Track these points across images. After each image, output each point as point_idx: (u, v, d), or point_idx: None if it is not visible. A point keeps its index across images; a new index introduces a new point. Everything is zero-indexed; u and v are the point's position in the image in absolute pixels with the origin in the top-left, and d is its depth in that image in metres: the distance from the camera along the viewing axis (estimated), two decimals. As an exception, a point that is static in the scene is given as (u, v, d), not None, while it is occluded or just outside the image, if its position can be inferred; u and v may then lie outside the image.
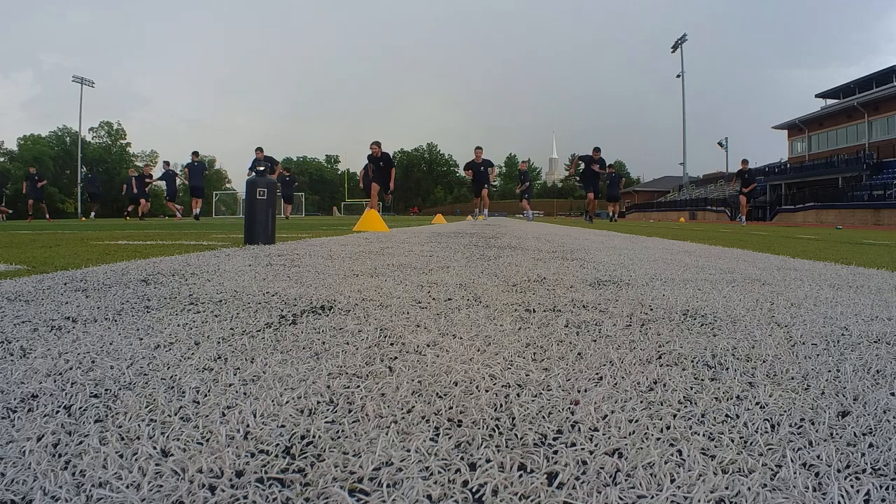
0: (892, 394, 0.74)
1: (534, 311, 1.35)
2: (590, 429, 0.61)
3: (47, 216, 15.57)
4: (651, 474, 0.51)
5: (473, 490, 0.48)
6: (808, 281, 2.02)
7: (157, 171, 19.20)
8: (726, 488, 0.48)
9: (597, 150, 14.52)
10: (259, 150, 13.22)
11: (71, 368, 0.81)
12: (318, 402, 0.69)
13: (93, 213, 18.03)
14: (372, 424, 0.62)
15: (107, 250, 3.21)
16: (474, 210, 14.32)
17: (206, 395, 0.71)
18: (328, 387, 0.75)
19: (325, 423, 0.62)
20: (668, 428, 0.61)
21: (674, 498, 0.47)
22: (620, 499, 0.47)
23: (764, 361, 0.90)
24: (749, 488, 0.48)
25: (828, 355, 0.95)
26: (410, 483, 0.49)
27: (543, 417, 0.65)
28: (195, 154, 14.77)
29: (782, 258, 3.14)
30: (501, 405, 0.69)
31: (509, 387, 0.76)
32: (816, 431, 0.61)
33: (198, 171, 14.92)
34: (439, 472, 0.51)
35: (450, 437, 0.59)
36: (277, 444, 0.57)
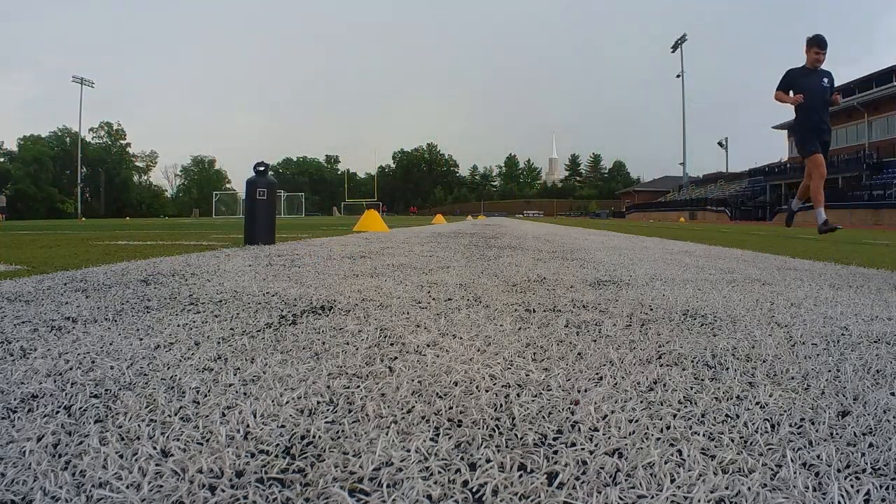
0: (892, 394, 0.74)
1: (534, 311, 1.35)
2: (590, 429, 0.61)
3: None
4: (651, 474, 0.51)
5: (473, 490, 0.48)
6: (808, 281, 2.02)
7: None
8: (726, 488, 0.48)
9: (818, 42, 3.72)
10: None
11: (71, 369, 0.81)
12: (319, 403, 0.69)
13: None
14: (372, 424, 0.62)
15: (107, 250, 3.20)
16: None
17: (206, 396, 0.70)
18: (328, 387, 0.75)
19: (325, 423, 0.62)
20: (668, 428, 0.61)
21: (674, 498, 0.47)
22: (620, 499, 0.47)
23: (764, 361, 0.90)
24: (749, 488, 0.48)
25: (828, 355, 0.95)
26: (410, 483, 0.49)
27: (543, 417, 0.65)
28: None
29: (782, 258, 3.14)
30: (501, 405, 0.69)
31: (509, 387, 0.76)
32: (816, 431, 0.61)
33: None
34: (439, 472, 0.51)
35: (450, 438, 0.59)
36: (277, 445, 0.57)
